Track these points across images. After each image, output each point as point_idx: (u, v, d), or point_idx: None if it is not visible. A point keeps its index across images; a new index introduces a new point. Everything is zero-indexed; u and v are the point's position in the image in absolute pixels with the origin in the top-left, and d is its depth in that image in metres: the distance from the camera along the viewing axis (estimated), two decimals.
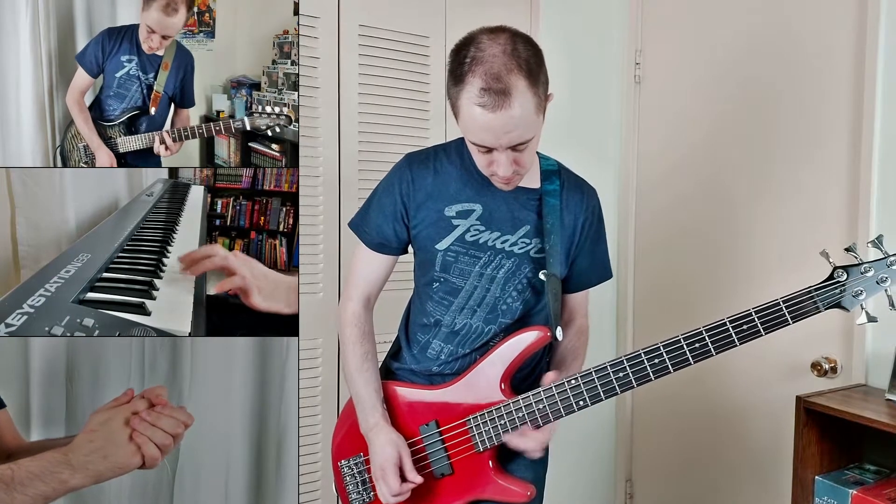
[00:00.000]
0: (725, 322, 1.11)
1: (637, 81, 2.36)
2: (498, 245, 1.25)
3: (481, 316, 1.27)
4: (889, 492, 1.43)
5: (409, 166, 1.29)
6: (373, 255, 1.32)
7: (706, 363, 1.29)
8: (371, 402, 1.27)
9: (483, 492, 1.23)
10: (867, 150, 1.62)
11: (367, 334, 1.32)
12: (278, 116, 1.74)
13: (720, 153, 2.05)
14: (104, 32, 1.71)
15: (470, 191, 1.25)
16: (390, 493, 1.21)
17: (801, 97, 1.82)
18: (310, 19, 1.86)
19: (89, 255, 1.57)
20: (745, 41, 1.99)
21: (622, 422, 2.41)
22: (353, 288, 1.34)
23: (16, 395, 1.59)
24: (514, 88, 1.04)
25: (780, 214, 1.86)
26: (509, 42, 1.07)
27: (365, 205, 1.34)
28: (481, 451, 1.22)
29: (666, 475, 2.29)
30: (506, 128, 1.07)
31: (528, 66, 1.06)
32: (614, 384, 1.14)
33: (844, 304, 1.10)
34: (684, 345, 1.12)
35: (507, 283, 1.26)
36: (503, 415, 1.20)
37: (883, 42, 1.60)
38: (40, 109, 1.70)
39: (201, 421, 1.69)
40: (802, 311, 1.10)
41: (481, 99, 1.05)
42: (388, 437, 1.23)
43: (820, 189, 1.76)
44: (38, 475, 0.89)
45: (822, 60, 1.76)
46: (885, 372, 1.55)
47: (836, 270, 1.10)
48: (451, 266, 1.26)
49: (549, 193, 1.26)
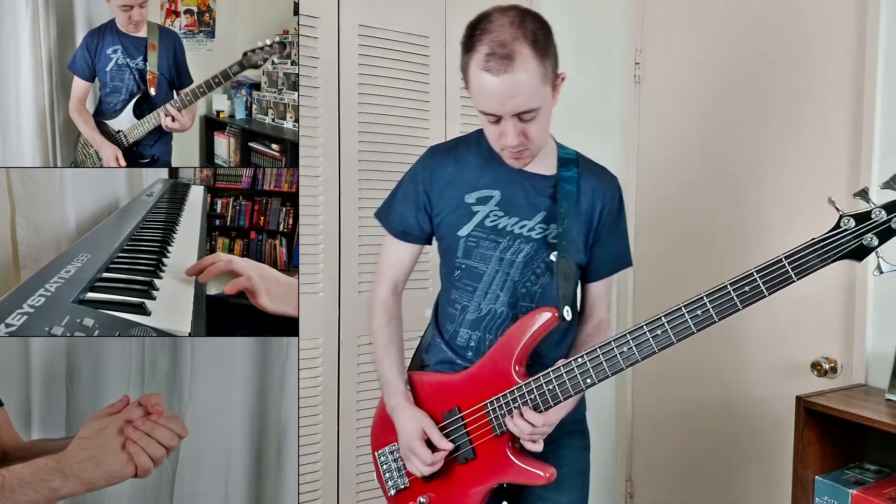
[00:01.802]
0: (726, 285, 1.06)
1: (637, 81, 2.36)
2: (516, 230, 1.28)
3: (504, 300, 1.30)
4: (889, 491, 1.43)
5: (431, 157, 1.36)
6: (398, 243, 1.38)
7: (706, 363, 1.31)
8: (394, 382, 1.33)
9: (505, 475, 1.24)
10: (867, 154, 1.62)
11: (393, 318, 1.39)
12: (271, 47, 1.72)
13: (720, 153, 2.05)
14: (86, 35, 1.72)
15: (489, 177, 1.30)
16: (423, 464, 1.25)
17: (801, 99, 1.82)
18: (310, 19, 1.86)
19: (89, 255, 1.57)
20: (745, 41, 1.99)
21: (622, 422, 2.41)
22: (381, 275, 1.41)
23: (16, 395, 1.59)
24: (518, 55, 1.09)
25: (781, 214, 1.86)
26: (518, 16, 1.13)
27: (390, 195, 1.40)
28: (499, 435, 1.23)
29: (666, 475, 2.29)
30: (510, 92, 1.11)
31: (534, 36, 1.11)
32: (619, 359, 1.13)
33: (853, 255, 1.01)
34: (685, 312, 1.09)
35: (525, 268, 1.28)
36: (516, 397, 1.20)
37: (883, 44, 1.60)
38: (40, 109, 1.70)
39: (201, 421, 1.69)
40: (807, 265, 1.03)
41: (487, 63, 1.10)
42: (409, 414, 1.28)
43: (821, 190, 1.76)
44: (29, 482, 0.88)
45: (824, 61, 1.76)
46: (885, 372, 1.55)
47: (843, 218, 1.02)
48: (473, 251, 1.30)
49: (565, 180, 1.29)
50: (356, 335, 1.98)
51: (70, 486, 0.89)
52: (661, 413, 2.29)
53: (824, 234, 1.02)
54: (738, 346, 1.96)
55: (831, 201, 1.03)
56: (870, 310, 1.63)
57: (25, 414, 1.60)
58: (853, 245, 1.01)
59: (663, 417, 2.28)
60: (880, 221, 1.00)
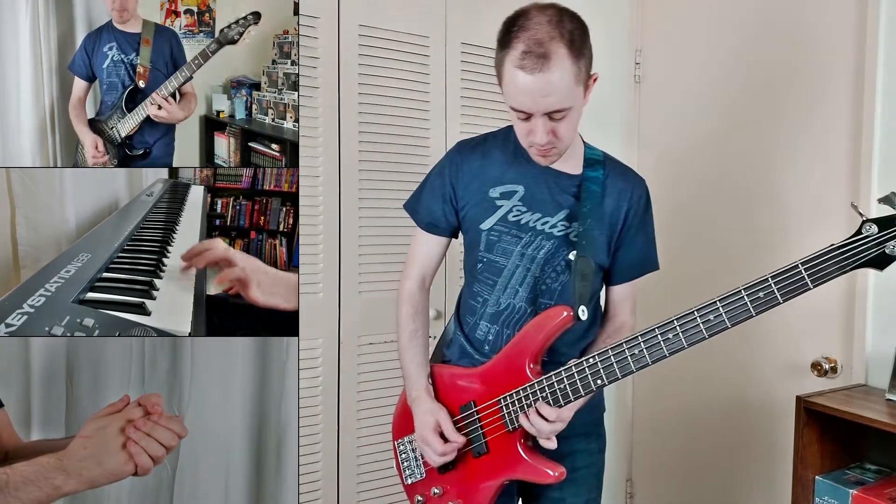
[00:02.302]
0: (741, 290, 1.03)
1: (637, 81, 2.36)
2: (539, 226, 1.29)
3: (523, 296, 1.31)
4: (889, 491, 1.43)
5: (458, 151, 1.37)
6: (426, 235, 1.41)
7: (706, 363, 1.31)
8: (415, 375, 1.36)
9: (515, 471, 1.25)
10: (867, 152, 1.62)
11: (419, 313, 1.40)
12: (245, 19, 1.71)
13: (721, 153, 2.05)
14: (85, 37, 1.72)
15: (513, 173, 1.31)
16: (435, 454, 1.28)
17: (802, 97, 1.82)
18: (310, 19, 1.86)
19: (89, 255, 1.57)
20: (745, 41, 1.99)
21: (622, 422, 2.41)
22: (409, 268, 1.43)
23: (16, 395, 1.59)
24: (553, 54, 1.10)
25: (783, 214, 1.86)
26: (556, 15, 1.13)
27: (418, 188, 1.42)
28: (511, 431, 1.24)
29: (666, 475, 2.29)
30: (543, 91, 1.11)
31: (570, 36, 1.11)
32: (629, 362, 1.13)
33: (875, 263, 0.96)
34: (697, 317, 1.07)
35: (546, 265, 1.29)
36: (528, 395, 1.21)
37: (883, 46, 1.60)
38: (40, 109, 1.70)
39: (201, 421, 1.69)
40: (825, 272, 0.98)
41: (522, 61, 1.10)
42: (427, 407, 1.31)
43: (823, 190, 1.76)
44: (33, 480, 0.90)
45: (824, 60, 1.76)
46: (885, 372, 1.55)
47: (865, 224, 0.97)
48: (495, 245, 1.31)
49: (590, 180, 1.29)
50: (356, 335, 1.98)
51: (72, 484, 0.91)
52: (661, 413, 2.29)
53: (844, 241, 0.97)
54: (738, 346, 1.96)
55: (854, 206, 0.98)
56: (870, 310, 1.64)
57: (25, 414, 1.60)
58: (875, 253, 0.96)
59: (663, 417, 2.28)
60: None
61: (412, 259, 1.43)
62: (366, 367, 1.99)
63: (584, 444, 1.37)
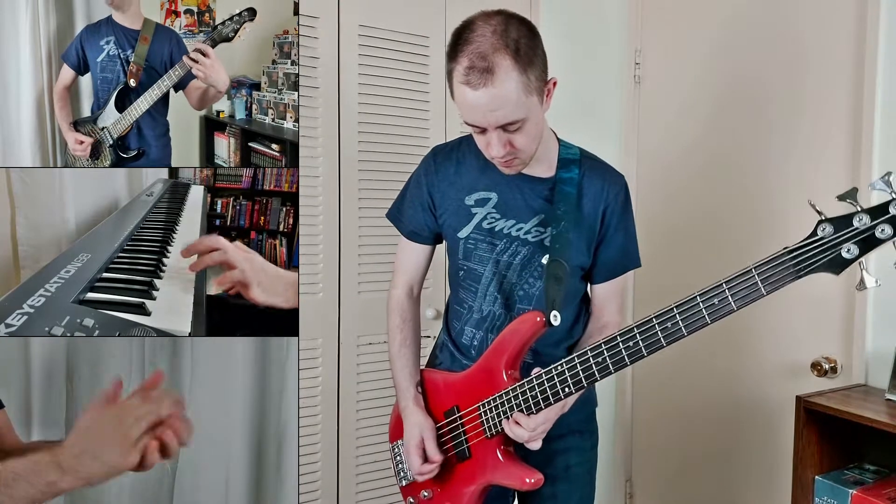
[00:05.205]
0: (696, 297, 0.97)
1: (637, 81, 2.36)
2: (513, 233, 1.28)
3: (501, 302, 1.30)
4: (889, 492, 1.43)
5: (433, 158, 1.36)
6: (409, 243, 1.40)
7: (706, 363, 1.30)
8: (404, 385, 1.36)
9: (493, 477, 1.25)
10: (867, 150, 1.62)
11: (408, 322, 1.40)
12: (240, 16, 1.70)
13: (720, 153, 2.05)
14: (84, 28, 1.71)
15: (487, 179, 1.29)
16: (413, 472, 1.30)
17: (800, 97, 1.82)
18: (310, 19, 1.86)
19: (89, 255, 1.57)
20: (744, 41, 1.99)
21: (622, 422, 2.41)
22: (396, 277, 1.43)
23: (16, 395, 1.59)
24: (497, 67, 1.06)
25: (782, 214, 1.86)
26: (501, 24, 1.08)
27: (399, 196, 1.42)
28: (490, 438, 1.24)
29: (666, 475, 2.29)
30: (490, 105, 1.08)
31: (516, 45, 1.07)
32: (594, 370, 1.10)
33: (829, 267, 0.86)
34: (656, 324, 1.01)
35: (523, 270, 1.28)
36: (503, 402, 1.20)
37: (883, 41, 1.60)
38: (40, 109, 1.70)
39: (201, 421, 1.69)
40: (777, 278, 0.90)
41: (467, 77, 1.08)
42: (414, 420, 1.31)
43: (822, 189, 1.76)
44: (24, 476, 0.85)
45: (823, 60, 1.76)
46: (885, 372, 1.55)
47: (820, 224, 0.88)
48: (472, 253, 1.31)
49: (564, 181, 1.27)
50: (356, 335, 1.98)
51: (68, 481, 0.86)
52: (660, 413, 2.29)
53: (797, 243, 0.88)
54: (737, 346, 1.96)
55: (812, 204, 0.88)
56: (870, 310, 1.63)
57: (25, 414, 1.60)
58: (829, 255, 0.87)
59: (663, 417, 2.28)
60: (862, 229, 0.86)
61: (398, 268, 1.43)
62: (365, 367, 1.99)
63: (578, 441, 1.37)
